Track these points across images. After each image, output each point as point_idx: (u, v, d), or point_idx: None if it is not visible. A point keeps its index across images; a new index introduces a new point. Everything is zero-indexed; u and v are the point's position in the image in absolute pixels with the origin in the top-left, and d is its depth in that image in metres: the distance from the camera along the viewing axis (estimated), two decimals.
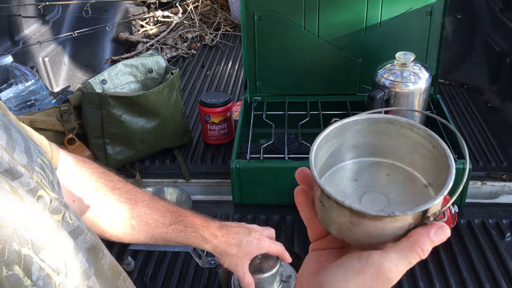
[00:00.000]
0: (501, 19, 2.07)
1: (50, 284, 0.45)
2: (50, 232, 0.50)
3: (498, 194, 1.60)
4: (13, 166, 0.52)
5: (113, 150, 1.67)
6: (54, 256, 0.47)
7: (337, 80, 1.80)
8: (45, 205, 0.53)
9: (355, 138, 0.59)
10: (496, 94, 2.02)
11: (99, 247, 0.60)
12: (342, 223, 0.51)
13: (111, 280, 0.60)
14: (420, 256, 0.50)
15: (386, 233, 0.50)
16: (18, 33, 2.17)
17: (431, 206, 0.49)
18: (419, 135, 0.55)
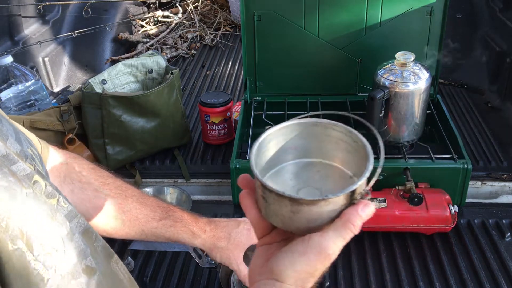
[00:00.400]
0: (501, 19, 2.07)
1: (50, 258, 0.48)
2: (47, 214, 0.52)
3: (498, 194, 1.60)
4: (9, 152, 0.54)
5: (113, 150, 1.67)
6: (52, 235, 0.51)
7: (337, 80, 1.80)
8: (41, 189, 0.56)
9: (288, 142, 0.68)
10: (496, 94, 2.02)
11: (92, 230, 0.63)
12: (284, 213, 0.58)
13: (105, 262, 0.63)
14: (353, 231, 0.57)
15: (323, 216, 0.58)
16: (18, 33, 2.17)
17: (356, 187, 0.58)
18: (341, 133, 0.65)
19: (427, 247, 1.36)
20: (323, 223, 0.58)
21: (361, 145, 0.63)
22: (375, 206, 0.59)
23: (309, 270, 0.57)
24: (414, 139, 1.55)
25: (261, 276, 0.60)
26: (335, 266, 1.31)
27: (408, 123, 1.50)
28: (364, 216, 0.58)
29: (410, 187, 1.36)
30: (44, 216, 0.52)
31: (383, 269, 1.30)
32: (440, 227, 1.37)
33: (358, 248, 1.37)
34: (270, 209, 0.60)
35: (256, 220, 0.63)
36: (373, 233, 1.40)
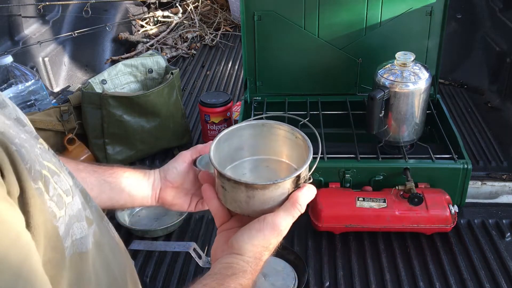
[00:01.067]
0: (501, 19, 2.07)
1: (61, 201, 0.56)
2: (57, 165, 0.60)
3: (498, 194, 1.60)
4: (19, 116, 0.63)
5: (113, 150, 1.67)
6: (63, 182, 0.59)
7: (337, 80, 1.80)
8: (47, 150, 0.63)
9: (241, 141, 0.78)
10: (496, 94, 2.02)
11: (86, 191, 0.70)
12: (241, 199, 0.69)
13: (99, 221, 0.70)
14: (300, 210, 0.69)
15: (274, 199, 0.69)
16: (18, 33, 2.17)
17: (300, 172, 0.69)
18: (285, 131, 0.77)
19: (427, 247, 1.36)
20: (275, 205, 0.69)
21: (302, 140, 0.74)
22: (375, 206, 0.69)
23: (265, 244, 0.69)
24: (414, 139, 1.55)
25: (223, 253, 0.71)
26: (335, 266, 1.31)
27: (408, 123, 1.50)
28: (308, 196, 0.70)
29: (410, 187, 1.36)
30: (55, 166, 0.59)
31: (383, 269, 1.30)
32: (440, 227, 1.37)
33: (358, 248, 1.37)
34: (229, 196, 0.70)
35: (217, 209, 0.74)
36: (373, 233, 1.41)
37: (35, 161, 0.53)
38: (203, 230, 1.45)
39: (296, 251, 1.31)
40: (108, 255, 0.70)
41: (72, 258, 0.58)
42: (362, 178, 1.46)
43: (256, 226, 0.68)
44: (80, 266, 0.59)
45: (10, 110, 0.62)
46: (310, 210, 1.42)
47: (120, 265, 0.75)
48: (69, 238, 0.57)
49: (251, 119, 0.79)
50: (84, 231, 0.61)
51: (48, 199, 0.53)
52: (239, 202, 0.70)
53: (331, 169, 1.45)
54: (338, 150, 1.52)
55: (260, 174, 0.79)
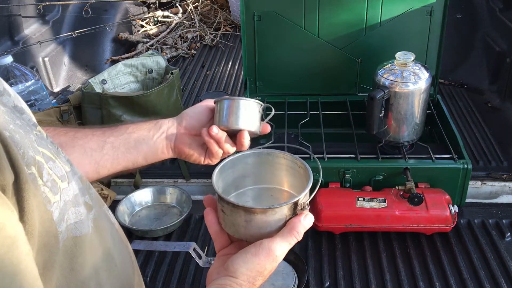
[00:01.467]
0: (501, 19, 2.07)
1: (56, 186, 0.57)
2: (53, 152, 0.60)
3: (498, 194, 1.60)
4: (18, 104, 0.63)
5: None
6: (59, 168, 0.59)
7: (337, 80, 1.80)
8: (45, 137, 0.63)
9: (246, 169, 0.80)
10: (496, 94, 2.02)
11: (86, 180, 0.70)
12: (239, 222, 0.70)
13: (99, 208, 0.70)
14: (297, 237, 0.69)
15: (271, 225, 0.70)
16: (18, 33, 2.17)
17: (297, 199, 0.70)
18: (288, 160, 0.78)
19: (427, 247, 1.36)
20: (272, 231, 0.70)
21: (304, 169, 0.75)
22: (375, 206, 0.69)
23: (259, 269, 0.69)
24: (414, 139, 1.55)
25: (218, 275, 0.72)
26: (335, 266, 1.31)
27: (408, 123, 1.50)
28: (306, 224, 0.70)
29: (410, 187, 1.36)
30: (50, 153, 0.59)
31: (383, 269, 1.30)
32: (440, 227, 1.37)
33: (358, 248, 1.37)
34: (228, 220, 0.72)
35: (217, 233, 0.76)
36: (373, 233, 1.40)
37: (29, 146, 0.54)
38: (203, 230, 1.45)
39: (296, 251, 1.31)
40: (108, 241, 0.70)
41: (66, 242, 0.58)
42: (362, 178, 1.46)
43: (252, 250, 0.69)
44: (73, 250, 0.60)
45: (8, 98, 0.63)
46: (310, 210, 1.41)
47: (121, 251, 0.76)
48: (64, 223, 0.58)
49: (256, 148, 0.81)
50: (79, 216, 0.62)
51: (42, 185, 0.54)
52: (238, 226, 0.71)
53: (331, 169, 1.45)
54: (338, 150, 1.52)
55: (262, 202, 0.81)
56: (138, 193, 1.55)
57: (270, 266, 0.69)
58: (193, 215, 1.50)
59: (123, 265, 0.75)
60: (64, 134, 0.90)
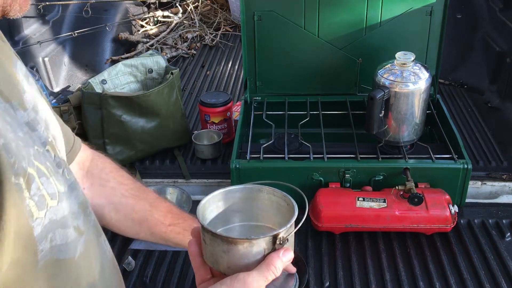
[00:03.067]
0: (501, 19, 2.07)
1: (43, 203, 0.56)
2: (50, 170, 0.59)
3: (498, 194, 1.60)
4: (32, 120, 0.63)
5: (113, 150, 1.67)
6: (51, 185, 0.58)
7: (337, 80, 1.80)
8: (51, 157, 0.64)
9: (236, 204, 0.79)
10: (496, 94, 2.02)
11: (88, 206, 0.70)
12: (218, 252, 0.69)
13: (93, 236, 0.70)
14: (274, 273, 0.68)
15: (249, 257, 0.68)
16: (18, 33, 2.17)
17: (276, 233, 0.68)
18: (279, 198, 0.77)
19: (427, 247, 1.36)
20: (250, 264, 0.68)
21: (291, 206, 0.74)
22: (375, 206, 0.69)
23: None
24: (414, 139, 1.55)
25: None
26: (335, 266, 1.31)
27: (408, 123, 1.50)
28: (284, 260, 0.69)
29: (410, 187, 1.36)
30: (47, 169, 0.58)
31: (383, 269, 1.30)
32: (440, 227, 1.37)
33: (358, 248, 1.37)
34: (207, 250, 0.71)
35: (198, 266, 0.73)
36: (373, 233, 1.40)
37: (24, 157, 0.53)
38: None
39: (295, 251, 1.31)
40: (94, 271, 0.69)
41: (48, 263, 0.57)
42: (362, 178, 1.46)
43: (227, 282, 0.67)
44: (54, 272, 0.59)
45: (23, 114, 0.62)
46: (310, 210, 1.42)
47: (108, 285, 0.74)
48: (47, 243, 0.56)
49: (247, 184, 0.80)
50: (67, 239, 0.61)
51: (28, 197, 0.53)
52: (216, 257, 0.70)
53: (331, 169, 1.45)
54: (338, 150, 1.52)
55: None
56: None
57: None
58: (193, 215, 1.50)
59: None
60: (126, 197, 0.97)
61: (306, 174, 1.45)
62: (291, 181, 0.79)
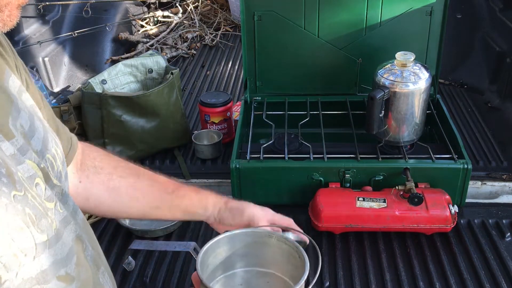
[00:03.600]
0: (501, 19, 2.07)
1: (14, 262, 0.51)
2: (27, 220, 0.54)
3: (498, 194, 1.60)
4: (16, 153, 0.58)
5: (113, 150, 1.67)
6: (26, 239, 0.53)
7: (337, 80, 1.80)
8: (41, 191, 0.59)
9: (243, 248, 0.75)
10: (496, 94, 2.02)
11: (83, 238, 0.67)
12: None
13: (91, 272, 0.66)
14: None
15: None
16: (18, 33, 2.17)
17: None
18: (290, 247, 0.73)
19: (427, 247, 1.36)
20: None
21: (303, 260, 0.70)
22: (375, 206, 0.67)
23: None
24: (414, 139, 1.55)
25: None
26: (335, 266, 1.31)
27: (408, 123, 1.50)
28: None
29: (410, 187, 1.36)
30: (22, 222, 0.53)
31: (383, 269, 1.30)
32: (440, 227, 1.37)
33: (358, 248, 1.37)
34: None
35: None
36: (373, 233, 1.41)
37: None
38: (203, 230, 1.45)
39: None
40: None
41: None
42: (362, 178, 1.46)
43: None
44: None
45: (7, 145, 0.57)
46: (310, 210, 1.42)
47: None
48: None
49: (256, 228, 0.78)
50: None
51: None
52: None
53: (331, 169, 1.45)
54: (338, 150, 1.52)
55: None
56: None
57: None
58: None
59: None
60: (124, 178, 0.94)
61: (306, 174, 1.45)
62: (292, 181, 0.76)
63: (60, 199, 0.65)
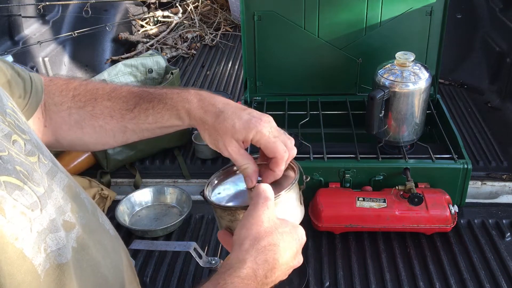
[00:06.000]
0: (501, 19, 2.07)
1: (24, 220, 0.51)
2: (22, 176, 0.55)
3: (498, 194, 1.60)
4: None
5: (113, 150, 1.67)
6: (28, 195, 0.53)
7: (337, 80, 1.80)
8: (20, 148, 0.59)
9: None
10: (496, 94, 2.02)
11: (74, 185, 0.68)
12: (228, 224, 0.74)
13: (88, 215, 0.68)
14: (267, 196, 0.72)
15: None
16: (18, 33, 2.17)
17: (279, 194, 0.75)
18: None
19: (427, 247, 1.36)
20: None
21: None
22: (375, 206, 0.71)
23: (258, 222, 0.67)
24: (414, 139, 1.55)
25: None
26: (335, 266, 1.31)
27: (408, 123, 1.50)
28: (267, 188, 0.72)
29: (410, 187, 1.36)
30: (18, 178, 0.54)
31: (383, 269, 1.30)
32: (440, 227, 1.37)
33: (358, 248, 1.37)
34: (221, 223, 0.76)
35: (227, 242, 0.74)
36: (373, 233, 1.40)
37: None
38: (203, 230, 1.45)
39: None
40: (96, 257, 0.66)
41: (49, 271, 0.55)
42: (362, 178, 1.46)
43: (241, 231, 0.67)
44: (60, 278, 0.57)
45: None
46: (310, 210, 1.42)
47: (113, 262, 0.71)
48: (41, 254, 0.54)
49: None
50: (61, 241, 0.58)
51: (6, 222, 0.50)
52: (227, 227, 0.75)
53: (331, 169, 1.45)
54: (338, 150, 1.52)
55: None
56: (138, 193, 1.55)
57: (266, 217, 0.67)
58: (193, 215, 1.50)
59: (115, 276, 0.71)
60: (82, 108, 0.84)
61: (306, 174, 1.45)
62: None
63: (40, 151, 0.64)
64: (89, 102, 0.84)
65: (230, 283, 0.60)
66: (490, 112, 1.97)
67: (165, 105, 0.81)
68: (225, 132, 0.79)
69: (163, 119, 0.82)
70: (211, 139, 0.82)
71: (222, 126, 0.79)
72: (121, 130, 0.85)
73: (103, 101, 0.84)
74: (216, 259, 1.26)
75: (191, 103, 0.81)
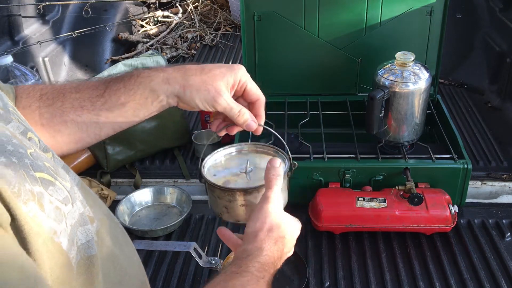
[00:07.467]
0: (501, 19, 2.07)
1: (60, 214, 0.53)
2: (51, 169, 0.56)
3: (498, 194, 1.60)
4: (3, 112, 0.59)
5: (113, 150, 1.67)
6: (60, 190, 0.55)
7: (337, 80, 1.80)
8: (36, 145, 0.60)
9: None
10: (496, 94, 2.02)
11: (83, 182, 0.70)
12: (226, 204, 0.78)
13: (101, 210, 0.70)
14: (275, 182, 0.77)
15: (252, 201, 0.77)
16: (18, 33, 2.17)
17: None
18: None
19: (427, 247, 1.36)
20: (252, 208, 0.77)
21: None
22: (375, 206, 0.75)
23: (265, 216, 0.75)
24: (414, 139, 1.55)
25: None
26: (335, 266, 1.31)
27: (408, 123, 1.50)
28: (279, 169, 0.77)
29: (410, 187, 1.36)
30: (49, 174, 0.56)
31: (383, 269, 1.30)
32: (440, 227, 1.37)
33: (358, 248, 1.37)
34: (218, 204, 0.79)
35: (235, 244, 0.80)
36: (373, 233, 1.41)
37: (25, 179, 0.50)
38: (203, 230, 1.45)
39: (296, 251, 1.31)
40: (113, 250, 0.68)
41: (80, 263, 0.56)
42: (362, 178, 1.46)
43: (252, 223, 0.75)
44: (91, 270, 0.58)
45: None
46: (310, 210, 1.42)
47: (127, 254, 0.73)
48: (74, 246, 0.56)
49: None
50: (90, 234, 0.60)
51: (46, 217, 0.51)
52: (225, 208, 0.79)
53: (331, 169, 1.45)
54: (338, 150, 1.52)
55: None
56: (138, 193, 1.55)
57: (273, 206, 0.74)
58: (193, 215, 1.50)
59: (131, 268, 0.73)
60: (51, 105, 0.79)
61: (306, 174, 1.45)
62: (291, 181, 0.82)
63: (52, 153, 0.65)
64: (57, 98, 0.79)
65: (251, 267, 0.69)
66: (490, 112, 1.97)
67: (137, 78, 0.76)
68: (215, 79, 0.76)
69: (136, 95, 0.76)
70: (201, 94, 0.76)
71: (211, 74, 0.76)
72: (93, 121, 0.79)
73: (71, 94, 0.79)
74: (216, 259, 1.26)
75: (166, 71, 0.77)
